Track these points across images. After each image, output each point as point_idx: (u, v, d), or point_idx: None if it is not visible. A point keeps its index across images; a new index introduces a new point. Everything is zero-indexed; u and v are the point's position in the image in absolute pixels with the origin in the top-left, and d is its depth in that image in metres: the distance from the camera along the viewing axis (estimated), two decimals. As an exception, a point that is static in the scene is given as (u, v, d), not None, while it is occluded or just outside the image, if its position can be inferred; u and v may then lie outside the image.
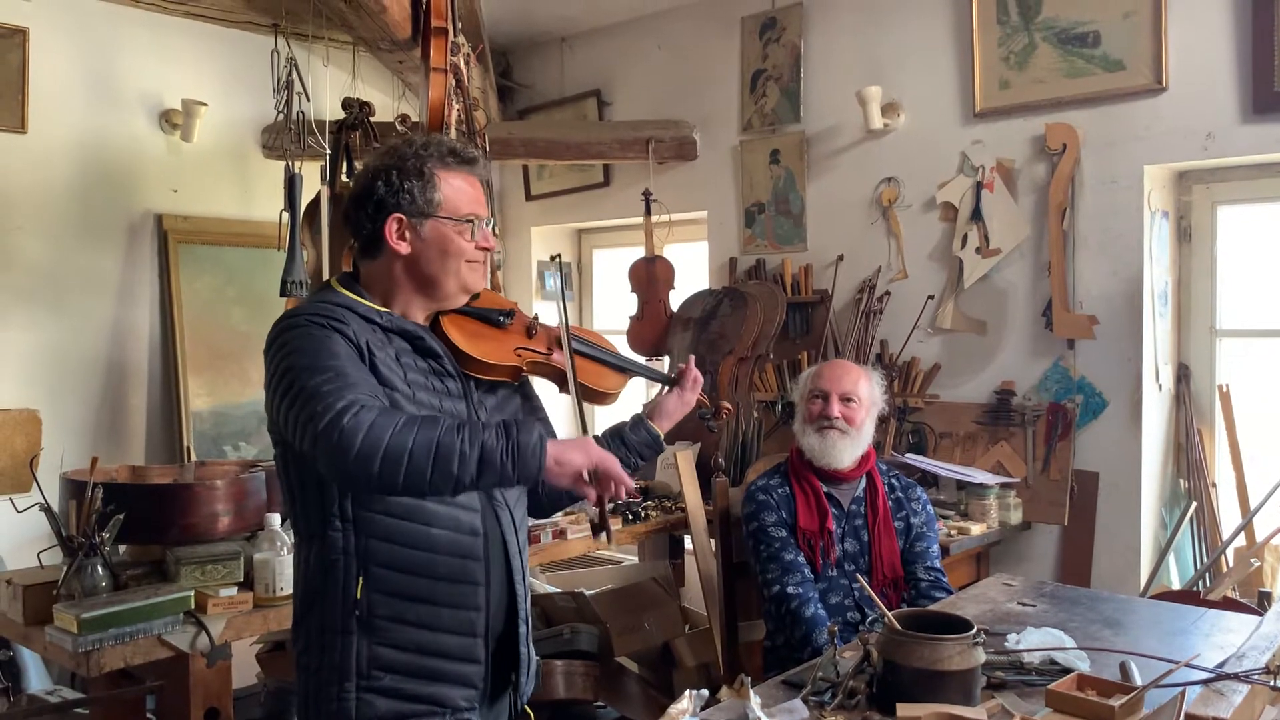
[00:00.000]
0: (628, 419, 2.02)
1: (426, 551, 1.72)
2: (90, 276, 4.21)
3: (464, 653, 1.76)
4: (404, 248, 1.75)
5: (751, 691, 1.71)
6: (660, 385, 2.11)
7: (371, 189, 1.74)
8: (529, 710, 1.95)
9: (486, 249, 1.82)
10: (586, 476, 1.62)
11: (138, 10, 4.28)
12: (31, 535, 2.92)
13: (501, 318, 1.92)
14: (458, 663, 1.75)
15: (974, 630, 1.75)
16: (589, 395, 1.99)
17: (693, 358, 2.11)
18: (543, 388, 2.11)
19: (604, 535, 1.80)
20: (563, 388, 1.96)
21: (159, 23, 4.36)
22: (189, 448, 4.35)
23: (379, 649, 1.69)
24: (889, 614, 1.79)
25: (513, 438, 1.55)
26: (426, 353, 1.78)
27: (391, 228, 1.74)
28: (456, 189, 1.79)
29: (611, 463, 1.63)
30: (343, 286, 1.80)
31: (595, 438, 1.93)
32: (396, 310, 1.80)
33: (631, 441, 1.97)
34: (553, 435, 1.94)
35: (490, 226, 1.84)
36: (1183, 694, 1.60)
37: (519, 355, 1.90)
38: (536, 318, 1.97)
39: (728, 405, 2.15)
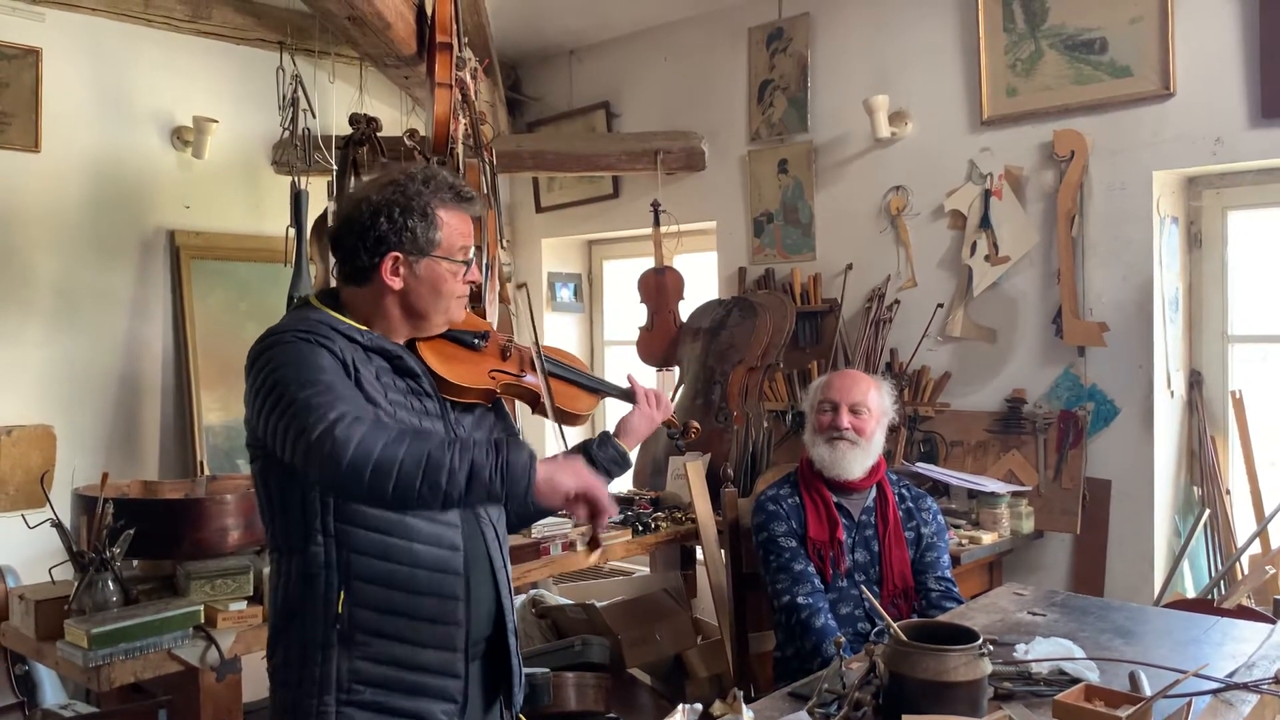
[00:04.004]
0: (595, 436, 2.05)
1: (408, 566, 1.73)
2: (104, 293, 4.24)
3: (444, 667, 1.77)
4: (397, 283, 1.77)
5: (745, 706, 1.70)
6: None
7: (374, 224, 1.75)
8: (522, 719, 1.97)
9: (473, 282, 1.87)
10: (574, 499, 1.63)
11: (149, 29, 4.32)
12: (44, 551, 2.93)
13: (476, 340, 1.94)
14: (438, 677, 1.76)
15: (980, 641, 1.74)
16: (562, 417, 2.02)
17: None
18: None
19: (597, 552, 1.82)
20: (535, 408, 1.99)
21: (170, 41, 4.40)
22: (202, 462, 4.37)
23: (359, 663, 1.70)
24: (894, 625, 1.78)
25: (503, 456, 1.57)
26: (405, 372, 1.80)
27: (388, 265, 1.76)
28: (453, 229, 1.81)
29: (599, 488, 1.64)
30: (323, 305, 1.81)
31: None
32: (377, 332, 1.82)
33: (598, 459, 1.98)
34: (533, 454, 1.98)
35: (474, 262, 1.87)
36: (1189, 704, 1.58)
37: (493, 378, 1.92)
38: (511, 339, 2.00)
39: (695, 424, 2.17)
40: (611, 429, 2.08)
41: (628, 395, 2.12)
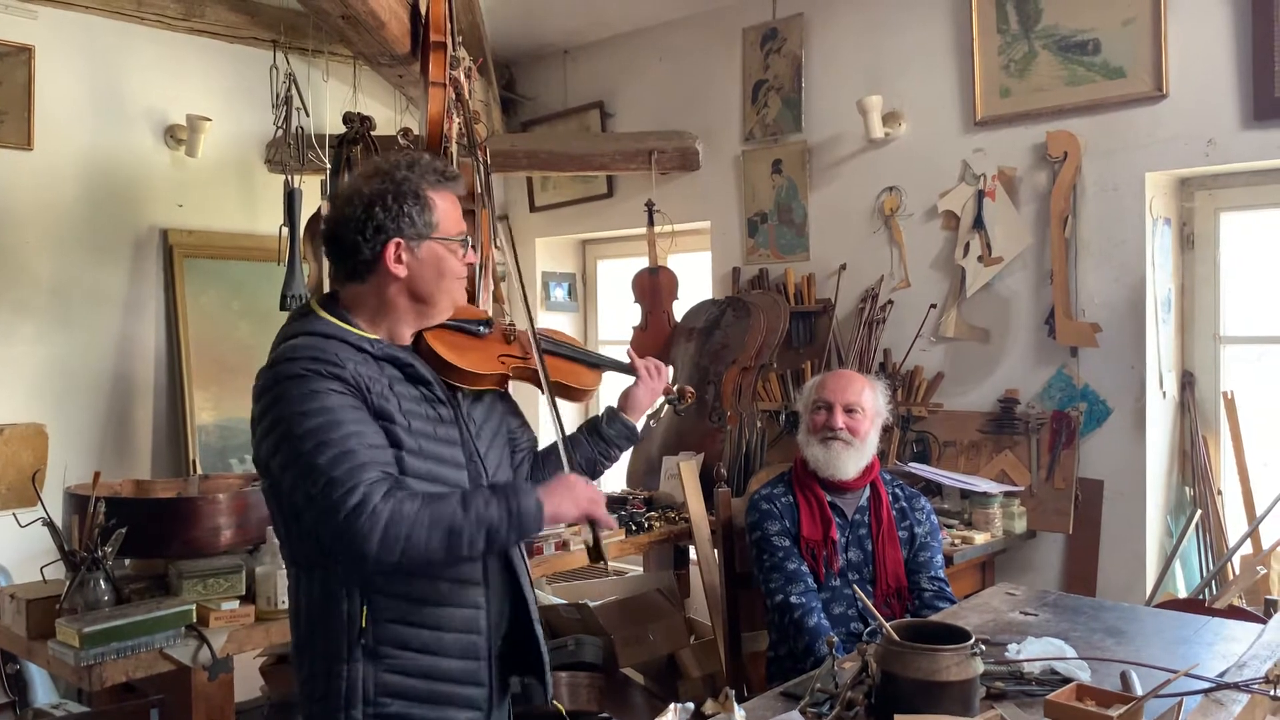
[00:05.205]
0: (602, 413, 2.11)
1: (429, 579, 1.74)
2: (96, 291, 4.23)
3: (467, 676, 1.79)
4: (401, 270, 1.76)
5: (737, 706, 1.70)
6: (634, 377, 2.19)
7: (370, 215, 1.74)
8: (560, 707, 1.99)
9: (472, 264, 1.87)
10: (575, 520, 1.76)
11: (143, 27, 4.31)
12: (35, 550, 2.93)
13: (480, 327, 1.96)
14: (462, 686, 1.78)
15: (971, 640, 1.74)
16: (569, 393, 2.07)
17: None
18: (522, 393, 2.17)
19: (601, 560, 1.85)
20: (543, 390, 2.01)
21: (164, 39, 4.38)
22: (195, 461, 4.36)
23: (385, 676, 1.71)
24: (886, 625, 1.78)
25: (514, 510, 1.66)
26: (417, 380, 1.80)
27: (390, 252, 1.74)
28: (446, 209, 1.81)
29: (598, 505, 1.76)
30: (325, 310, 1.78)
31: (573, 435, 2.06)
32: (384, 331, 1.80)
33: (608, 435, 2.07)
34: (533, 441, 2.06)
35: (470, 243, 1.87)
36: (1180, 704, 1.59)
37: (503, 362, 1.94)
38: (512, 324, 2.01)
39: (690, 389, 2.24)
40: (615, 403, 2.13)
41: (629, 369, 2.16)
